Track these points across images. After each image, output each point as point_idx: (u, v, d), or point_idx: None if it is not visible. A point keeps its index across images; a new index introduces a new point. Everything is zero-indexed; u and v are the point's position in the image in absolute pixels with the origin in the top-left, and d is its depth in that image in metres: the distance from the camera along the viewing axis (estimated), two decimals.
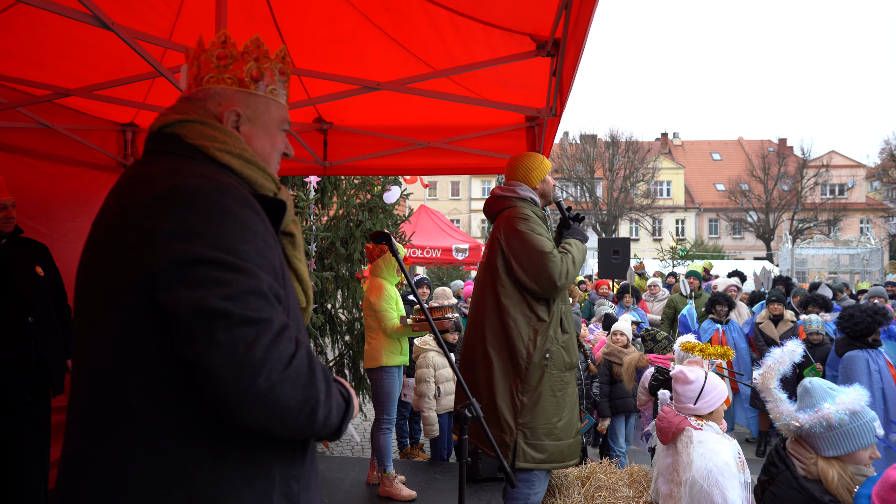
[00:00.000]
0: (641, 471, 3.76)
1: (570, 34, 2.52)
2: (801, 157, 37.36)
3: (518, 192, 2.96)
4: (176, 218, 1.06)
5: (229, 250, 1.05)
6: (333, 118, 4.44)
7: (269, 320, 1.04)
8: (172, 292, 1.02)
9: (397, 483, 4.27)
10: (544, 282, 2.73)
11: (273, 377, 1.01)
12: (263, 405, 1.02)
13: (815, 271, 20.64)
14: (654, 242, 37.93)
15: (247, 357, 1.00)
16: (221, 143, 1.23)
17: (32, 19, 2.91)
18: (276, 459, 1.16)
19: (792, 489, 2.01)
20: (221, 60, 1.29)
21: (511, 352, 2.78)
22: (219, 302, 1.01)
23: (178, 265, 1.03)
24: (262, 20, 3.12)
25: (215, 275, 1.03)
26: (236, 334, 1.00)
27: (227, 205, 1.09)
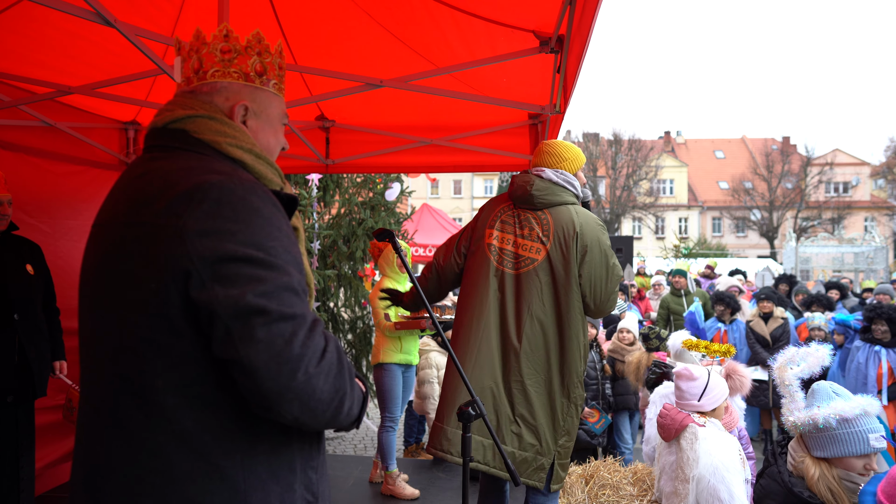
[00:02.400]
0: (645, 469, 3.74)
1: (575, 30, 2.50)
2: (805, 154, 37.28)
3: (577, 189, 2.63)
4: (204, 216, 1.06)
5: (260, 247, 1.06)
6: (336, 116, 4.43)
7: (303, 315, 1.07)
8: (208, 290, 1.03)
9: (400, 482, 4.27)
10: (608, 305, 2.58)
11: (310, 371, 1.04)
12: (300, 398, 1.04)
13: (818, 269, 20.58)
14: (657, 241, 37.87)
15: (286, 352, 1.02)
16: (232, 137, 1.22)
17: (35, 17, 2.90)
18: (297, 452, 1.18)
19: (775, 482, 2.08)
20: (226, 54, 1.28)
21: (566, 367, 2.52)
22: (256, 299, 1.02)
23: (211, 263, 1.04)
24: (264, 17, 3.11)
25: (249, 272, 1.04)
26: (274, 330, 1.02)
27: (253, 202, 1.10)
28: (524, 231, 2.60)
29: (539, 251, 2.56)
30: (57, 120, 3.85)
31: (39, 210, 3.89)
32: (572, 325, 2.51)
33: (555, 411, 2.52)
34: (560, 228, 2.54)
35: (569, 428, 2.58)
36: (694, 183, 41.45)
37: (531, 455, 2.51)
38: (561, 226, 2.54)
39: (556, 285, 2.52)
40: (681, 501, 2.65)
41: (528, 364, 2.52)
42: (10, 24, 2.92)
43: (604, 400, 4.75)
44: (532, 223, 2.59)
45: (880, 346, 4.97)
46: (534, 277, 2.54)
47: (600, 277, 2.51)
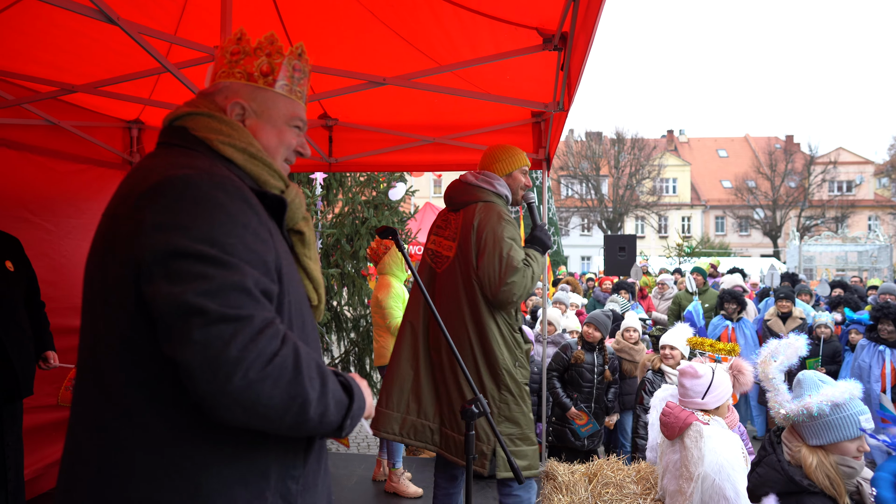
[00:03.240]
0: (649, 467, 3.73)
1: (579, 28, 2.49)
2: (809, 153, 37.17)
3: (496, 187, 2.74)
4: (163, 209, 1.05)
5: (214, 243, 1.03)
6: (339, 114, 4.43)
7: (248, 317, 1.02)
8: (154, 286, 1.01)
9: (404, 479, 4.27)
10: (501, 295, 2.56)
11: (250, 376, 0.99)
12: (241, 404, 1.00)
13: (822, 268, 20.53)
14: (660, 240, 37.81)
15: (222, 355, 0.98)
16: (226, 136, 1.22)
17: (37, 16, 2.90)
18: (273, 458, 1.14)
19: (774, 471, 2.12)
20: (234, 56, 1.30)
21: (489, 356, 2.63)
22: (196, 298, 0.99)
23: (161, 258, 1.02)
24: (267, 15, 3.11)
25: (197, 269, 1.01)
26: (212, 332, 0.98)
27: (216, 196, 1.08)
28: (445, 232, 2.82)
29: (451, 249, 2.75)
30: (60, 119, 3.85)
31: (43, 208, 3.89)
32: (485, 316, 2.62)
33: (487, 399, 2.61)
34: (464, 225, 2.71)
35: (508, 415, 2.63)
36: (697, 182, 41.36)
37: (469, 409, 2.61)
38: (465, 223, 2.71)
39: (466, 280, 2.66)
40: (685, 500, 2.64)
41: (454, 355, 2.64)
42: (12, 22, 2.92)
43: (598, 404, 4.68)
44: (450, 223, 2.80)
45: (885, 346, 4.95)
46: (450, 274, 2.73)
47: (493, 269, 2.57)
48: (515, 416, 2.65)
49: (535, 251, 2.74)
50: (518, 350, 2.69)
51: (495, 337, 2.62)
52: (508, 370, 2.64)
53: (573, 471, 3.82)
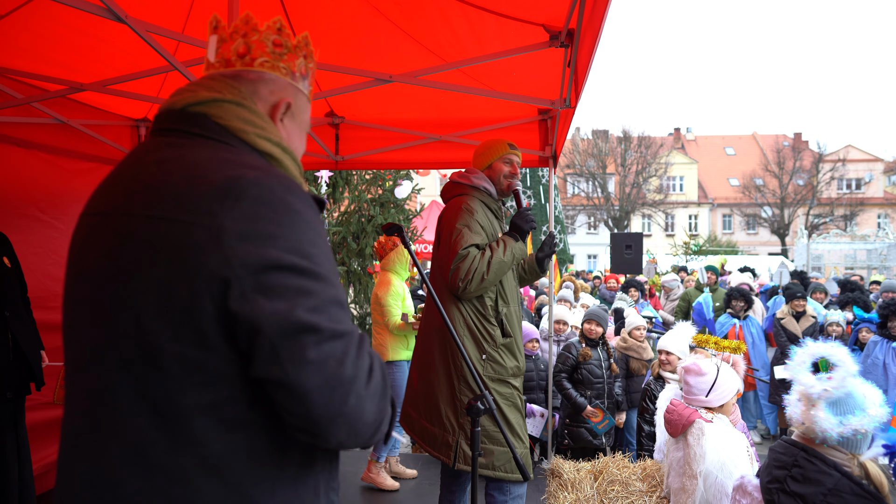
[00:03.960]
0: (655, 465, 3.73)
1: (586, 24, 2.49)
2: (817, 151, 36.91)
3: (471, 181, 2.78)
4: (243, 217, 0.94)
5: (304, 255, 0.95)
6: (345, 112, 4.44)
7: (351, 332, 0.98)
8: (250, 302, 0.91)
9: (383, 472, 4.33)
10: (451, 282, 2.57)
11: (361, 394, 0.96)
12: (349, 423, 0.96)
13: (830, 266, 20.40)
14: (666, 238, 37.67)
15: (338, 375, 0.93)
16: (261, 129, 1.11)
17: (47, 15, 2.93)
18: (320, 474, 1.09)
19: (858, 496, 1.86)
20: (277, 48, 1.19)
21: (449, 348, 2.63)
22: (307, 315, 0.92)
23: (254, 271, 0.92)
24: (273, 13, 3.11)
25: (297, 283, 0.93)
26: (326, 350, 0.93)
27: (293, 203, 0.98)
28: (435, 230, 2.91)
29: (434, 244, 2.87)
30: (69, 117, 3.88)
31: (52, 206, 3.92)
32: (448, 306, 2.64)
33: (452, 391, 2.62)
34: (437, 220, 2.84)
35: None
36: (704, 180, 41.16)
37: (439, 431, 2.63)
38: (438, 218, 2.84)
39: (435, 272, 2.76)
40: (688, 497, 2.64)
41: (430, 346, 2.72)
42: (22, 22, 2.95)
43: (609, 399, 4.70)
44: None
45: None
46: (432, 268, 2.84)
47: (445, 255, 2.62)
48: None
49: (507, 237, 2.71)
50: (488, 343, 2.63)
51: (458, 328, 2.61)
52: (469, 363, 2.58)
53: (578, 468, 3.82)
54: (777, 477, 1.97)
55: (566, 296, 6.88)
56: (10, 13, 2.87)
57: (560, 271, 14.84)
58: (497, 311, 2.69)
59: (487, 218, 2.73)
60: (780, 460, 2.01)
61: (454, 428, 2.59)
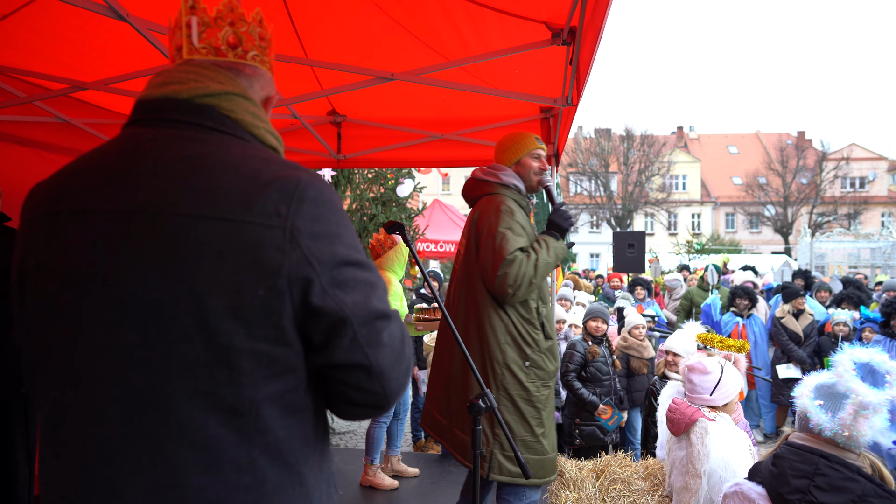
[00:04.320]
0: (657, 464, 3.72)
1: (588, 22, 2.48)
2: (821, 149, 36.81)
3: (500, 178, 2.67)
4: (311, 217, 1.00)
5: (359, 249, 1.07)
6: (347, 111, 4.43)
7: (395, 313, 1.09)
8: (332, 297, 1.00)
9: (380, 473, 4.33)
10: (496, 287, 2.48)
11: (409, 365, 1.10)
12: (400, 391, 1.10)
13: (834, 265, 20.34)
14: (669, 237, 37.61)
15: (402, 352, 1.08)
16: (263, 122, 1.13)
17: (49, 14, 2.93)
18: (327, 448, 1.19)
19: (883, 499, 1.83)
20: (262, 41, 1.19)
21: (488, 355, 2.53)
22: (379, 303, 1.04)
23: (330, 268, 1.00)
24: (275, 11, 3.12)
25: (363, 276, 1.04)
26: (392, 332, 1.06)
27: (338, 202, 1.08)
28: (464, 230, 2.80)
29: (464, 245, 2.74)
30: (71, 116, 3.88)
31: None
32: (487, 312, 2.54)
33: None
34: (469, 220, 2.71)
35: (506, 419, 2.50)
36: (707, 178, 41.09)
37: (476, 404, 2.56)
38: (470, 219, 2.72)
39: (470, 275, 2.62)
40: (691, 496, 2.64)
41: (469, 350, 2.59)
42: (24, 21, 2.95)
43: (616, 394, 4.72)
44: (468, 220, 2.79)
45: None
46: (462, 270, 2.72)
47: (488, 261, 2.51)
48: (512, 421, 2.53)
49: (547, 236, 2.64)
50: (532, 348, 2.55)
51: (496, 334, 2.53)
52: (510, 370, 2.52)
53: (581, 467, 3.82)
54: (799, 487, 1.84)
55: (566, 294, 6.88)
56: (13, 13, 2.87)
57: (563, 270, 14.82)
58: (539, 314, 2.61)
59: (522, 217, 2.62)
60: (798, 469, 1.87)
61: (489, 438, 2.53)
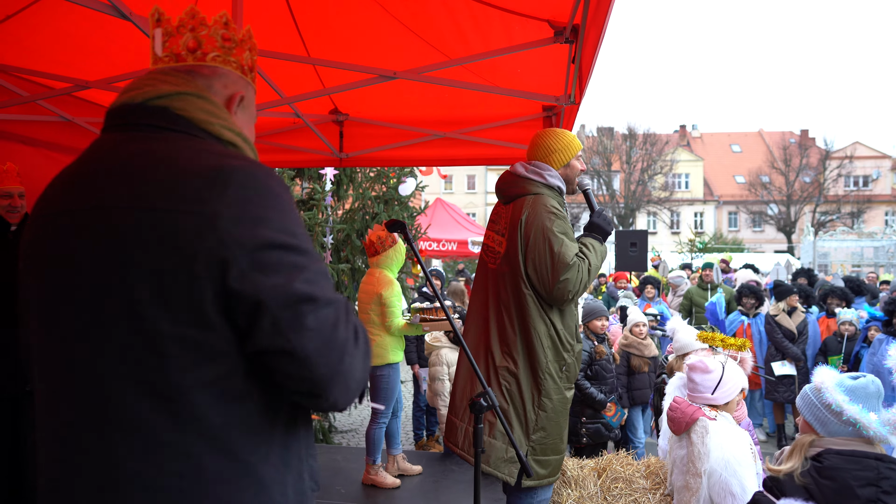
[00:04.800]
0: (658, 462, 3.72)
1: (590, 20, 2.48)
2: (824, 148, 36.70)
3: (546, 178, 2.60)
4: (234, 202, 1.01)
5: (292, 234, 1.05)
6: (349, 110, 4.43)
7: (338, 300, 1.07)
8: (251, 280, 0.98)
9: (381, 472, 4.34)
10: (556, 292, 2.44)
11: (352, 353, 1.06)
12: (345, 381, 1.06)
13: (837, 264, 20.30)
14: (672, 235, 37.55)
15: (334, 337, 1.03)
16: (223, 119, 1.16)
17: (52, 14, 2.93)
18: (302, 440, 1.17)
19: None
20: (226, 42, 1.24)
21: (531, 359, 2.50)
22: (303, 286, 1.01)
23: (250, 251, 0.99)
24: (277, 9, 3.12)
25: (290, 259, 1.02)
26: (322, 317, 1.02)
27: (275, 188, 1.07)
28: (497, 226, 2.69)
29: (501, 244, 2.62)
30: (74, 115, 3.89)
31: None
32: (530, 315, 2.49)
33: (523, 403, 2.50)
34: (513, 219, 2.58)
35: (544, 425, 2.50)
36: (710, 177, 41.01)
37: (501, 444, 2.49)
38: (513, 217, 2.58)
39: (515, 276, 2.53)
40: (692, 495, 2.64)
41: (499, 355, 2.55)
42: (28, 20, 2.96)
43: (617, 391, 4.73)
44: (501, 217, 2.67)
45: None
46: (500, 270, 2.60)
47: (544, 265, 2.45)
48: (548, 426, 2.52)
49: (592, 240, 2.63)
50: (568, 353, 2.54)
51: (540, 338, 2.49)
52: (552, 375, 2.50)
53: (582, 465, 3.82)
54: (869, 497, 1.74)
55: None
56: (17, 13, 2.88)
57: None
58: (575, 317, 2.61)
59: (567, 220, 2.59)
60: (861, 477, 1.77)
61: (522, 443, 2.50)
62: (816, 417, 1.91)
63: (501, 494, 4.12)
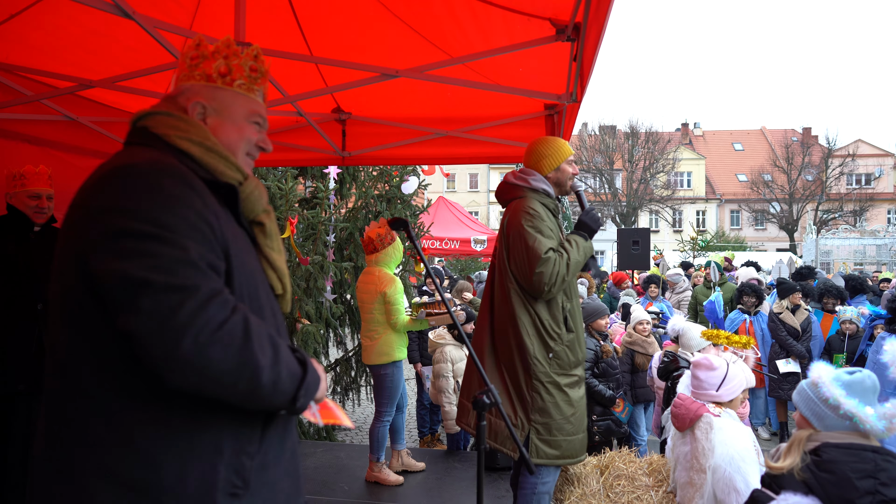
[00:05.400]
0: (661, 460, 3.73)
1: (592, 18, 2.48)
2: (826, 146, 36.59)
3: (530, 183, 2.87)
4: (108, 195, 1.16)
5: (156, 223, 1.12)
6: (352, 108, 4.44)
7: (195, 287, 1.10)
8: (102, 263, 1.10)
9: (385, 469, 4.36)
10: (533, 285, 2.69)
11: (200, 339, 1.07)
12: (193, 367, 1.08)
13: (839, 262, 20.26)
14: (674, 234, 37.51)
15: (170, 321, 1.06)
16: (183, 131, 1.30)
17: (56, 13, 2.95)
18: (227, 434, 1.20)
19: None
20: (193, 61, 1.39)
21: (520, 347, 2.75)
22: (142, 271, 1.07)
23: (107, 238, 1.11)
24: (279, 8, 3.13)
25: (143, 247, 1.10)
26: (161, 300, 1.07)
27: (160, 181, 1.16)
28: (497, 234, 3.01)
29: (497, 248, 2.95)
30: (78, 114, 3.91)
31: (63, 203, 3.94)
32: (516, 307, 2.76)
33: (519, 387, 2.75)
34: (501, 221, 2.93)
35: (540, 406, 2.72)
36: (712, 175, 40.94)
37: (503, 424, 2.71)
38: (502, 219, 2.94)
39: (502, 272, 2.83)
40: (696, 491, 2.65)
41: (500, 343, 2.83)
42: (32, 20, 2.97)
43: (622, 387, 4.75)
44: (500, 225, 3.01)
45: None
46: (497, 268, 2.91)
47: (522, 260, 2.70)
48: (546, 407, 2.73)
49: (577, 236, 2.87)
50: (554, 342, 2.75)
51: (526, 328, 2.73)
52: (539, 360, 2.73)
53: (585, 463, 3.83)
54: (867, 489, 1.75)
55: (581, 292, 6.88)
56: (21, 12, 2.90)
57: None
58: (563, 309, 2.81)
59: (549, 219, 2.82)
60: (859, 469, 1.79)
61: (524, 424, 2.72)
62: (813, 412, 1.92)
63: (505, 491, 4.14)
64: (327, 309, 5.85)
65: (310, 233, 5.94)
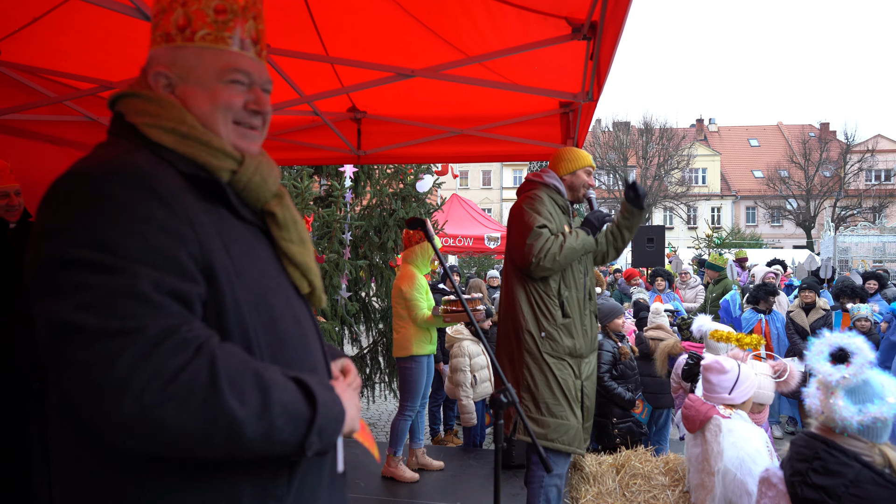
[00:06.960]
0: (677, 459, 3.72)
1: (609, 16, 2.48)
2: (845, 141, 36.06)
3: (543, 178, 3.11)
4: (50, 214, 0.92)
5: (98, 246, 0.88)
6: (367, 107, 4.47)
7: (139, 329, 0.85)
8: (35, 305, 0.89)
9: (401, 465, 4.39)
10: (523, 256, 2.83)
11: (145, 399, 0.83)
12: (144, 432, 0.85)
13: (858, 260, 19.98)
14: (689, 231, 37.21)
15: (106, 377, 0.82)
16: (154, 116, 1.05)
17: (78, 16, 2.99)
18: (245, 480, 0.99)
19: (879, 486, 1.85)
20: (154, 19, 1.11)
21: (515, 323, 2.93)
22: (74, 313, 0.84)
23: (39, 270, 0.89)
24: (296, 10, 3.15)
25: (76, 279, 0.86)
26: (94, 351, 0.83)
27: (111, 190, 0.92)
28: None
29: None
30: (99, 115, 3.97)
31: None
32: (514, 282, 2.97)
33: (514, 363, 2.93)
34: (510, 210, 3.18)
35: (528, 383, 2.86)
36: (727, 172, 40.54)
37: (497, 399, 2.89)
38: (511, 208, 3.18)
39: (508, 255, 3.04)
40: (707, 494, 2.64)
41: (502, 322, 3.07)
42: (55, 23, 3.02)
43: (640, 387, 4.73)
44: None
45: None
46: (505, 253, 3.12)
47: (518, 234, 2.91)
48: (534, 384, 2.85)
49: (580, 230, 3.03)
50: (547, 320, 2.88)
51: (521, 304, 2.92)
52: (532, 335, 2.88)
53: (600, 461, 3.83)
54: (799, 470, 1.99)
55: None
56: (44, 15, 2.95)
57: None
58: (559, 294, 2.94)
59: (554, 209, 2.99)
60: (801, 453, 2.04)
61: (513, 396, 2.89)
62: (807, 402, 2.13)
63: (520, 489, 4.15)
64: (342, 307, 5.89)
65: (325, 231, 5.98)
